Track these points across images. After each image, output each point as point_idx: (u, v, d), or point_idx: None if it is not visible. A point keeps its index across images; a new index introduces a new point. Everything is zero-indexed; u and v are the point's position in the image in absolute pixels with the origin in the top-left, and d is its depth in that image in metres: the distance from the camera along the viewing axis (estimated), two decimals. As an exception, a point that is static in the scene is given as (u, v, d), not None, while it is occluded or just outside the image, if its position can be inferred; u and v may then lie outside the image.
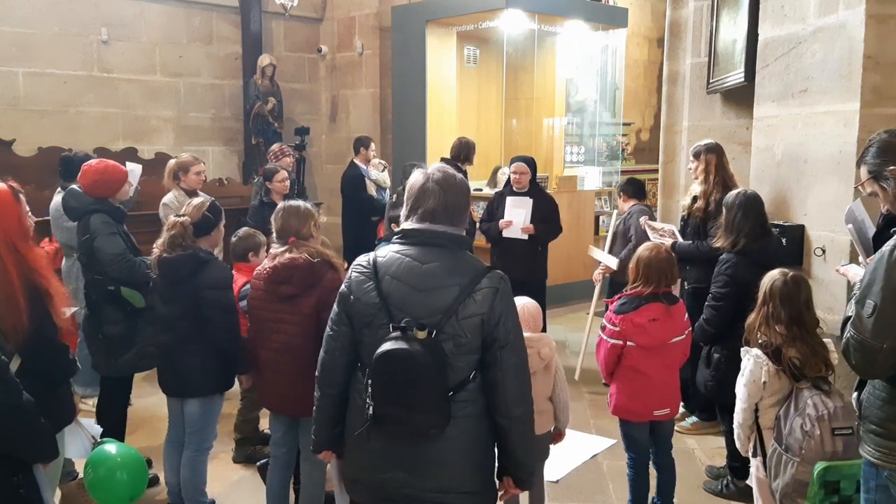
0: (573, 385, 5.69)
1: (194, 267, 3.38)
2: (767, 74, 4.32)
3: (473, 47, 9.25)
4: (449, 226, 2.19)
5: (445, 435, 2.12)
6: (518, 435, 2.20)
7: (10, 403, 2.17)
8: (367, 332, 2.18)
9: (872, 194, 2.46)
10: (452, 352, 2.10)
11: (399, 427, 2.13)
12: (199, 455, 3.60)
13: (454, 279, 2.12)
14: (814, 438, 2.75)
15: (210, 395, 3.52)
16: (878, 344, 2.12)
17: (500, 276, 2.17)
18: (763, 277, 3.13)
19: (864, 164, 2.43)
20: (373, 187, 7.36)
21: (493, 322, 2.11)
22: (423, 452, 2.15)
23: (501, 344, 2.12)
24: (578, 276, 8.24)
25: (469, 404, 2.14)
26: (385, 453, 2.18)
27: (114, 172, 4.02)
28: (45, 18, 7.59)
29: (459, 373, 2.12)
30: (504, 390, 2.14)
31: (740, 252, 3.75)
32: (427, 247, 2.17)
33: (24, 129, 7.39)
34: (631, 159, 10.93)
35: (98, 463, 2.91)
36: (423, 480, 2.16)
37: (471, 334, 2.10)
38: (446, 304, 2.10)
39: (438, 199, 2.18)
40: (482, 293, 2.11)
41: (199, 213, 3.49)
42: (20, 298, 2.26)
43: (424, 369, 2.04)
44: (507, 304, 2.15)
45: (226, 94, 9.02)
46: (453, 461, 2.16)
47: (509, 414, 2.16)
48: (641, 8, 11.15)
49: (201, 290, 3.36)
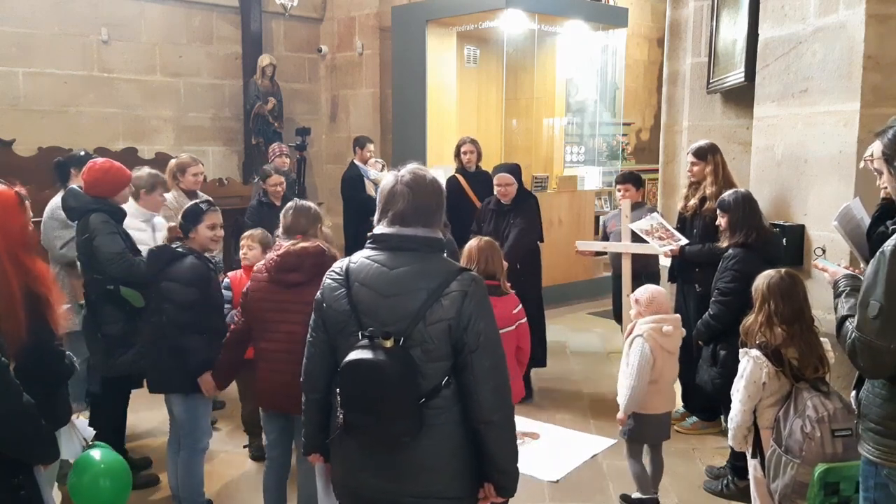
0: (573, 385, 5.70)
1: (166, 260, 3.43)
2: (767, 74, 4.31)
3: (473, 47, 9.25)
4: (421, 227, 2.13)
5: (421, 443, 2.07)
6: (497, 440, 2.12)
7: (12, 405, 2.17)
8: (341, 338, 2.16)
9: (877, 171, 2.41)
10: (421, 359, 2.04)
11: (369, 436, 2.11)
12: (194, 456, 3.60)
13: (422, 283, 2.07)
14: (814, 440, 2.74)
15: (191, 393, 3.50)
16: (885, 345, 2.11)
17: (470, 279, 2.10)
18: (759, 277, 3.13)
19: (882, 140, 2.33)
20: (372, 187, 7.35)
21: (461, 326, 2.04)
22: (400, 459, 2.11)
23: (472, 348, 2.05)
24: (578, 276, 8.25)
25: (444, 411, 2.09)
26: (361, 460, 2.16)
27: (117, 173, 4.01)
28: (45, 18, 7.58)
29: (431, 380, 2.06)
30: (478, 395, 2.07)
31: (746, 246, 3.82)
32: (397, 251, 2.13)
33: (24, 129, 7.39)
34: (631, 159, 10.95)
35: (82, 469, 2.89)
36: (400, 486, 2.12)
37: (438, 340, 2.04)
38: (413, 309, 2.04)
39: (408, 200, 2.12)
40: (450, 297, 2.05)
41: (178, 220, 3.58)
42: (19, 310, 2.24)
43: (391, 379, 2.00)
44: (478, 307, 2.06)
45: (226, 94, 9.02)
46: (431, 468, 2.11)
47: (485, 419, 2.09)
48: (641, 8, 11.17)
49: (162, 282, 3.41)
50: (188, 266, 3.44)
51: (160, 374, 3.53)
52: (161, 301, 3.43)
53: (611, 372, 5.84)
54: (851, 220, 2.93)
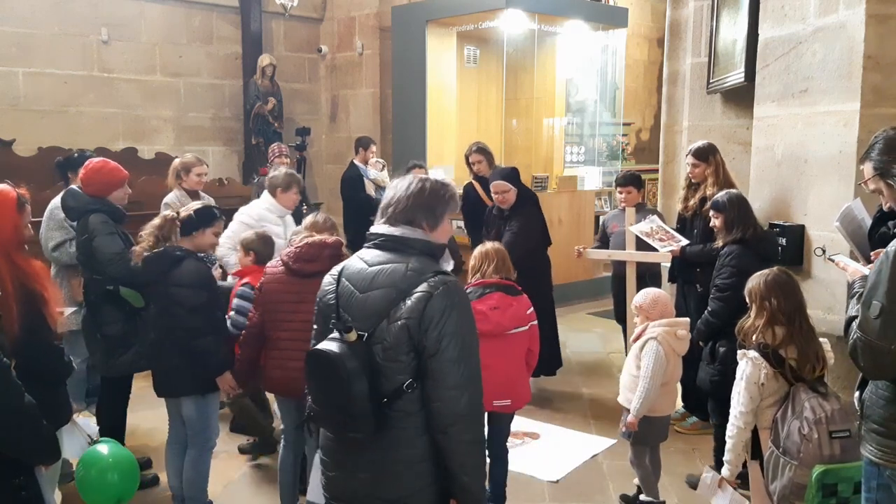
0: (573, 385, 5.70)
1: (167, 264, 3.41)
2: (767, 74, 4.31)
3: (473, 47, 9.24)
4: (407, 227, 2.12)
5: (382, 446, 2.04)
6: (454, 454, 2.03)
7: (13, 406, 2.17)
8: (327, 331, 2.16)
9: (876, 191, 2.43)
10: (381, 357, 2.02)
11: (330, 428, 2.12)
12: (203, 455, 3.60)
13: (395, 282, 2.05)
14: (812, 442, 2.73)
15: (202, 394, 3.50)
16: (886, 345, 2.11)
17: (441, 282, 2.02)
18: (752, 278, 3.12)
19: (870, 160, 2.39)
20: (371, 187, 7.36)
21: (421, 328, 1.98)
22: (367, 460, 2.08)
23: (430, 352, 1.99)
24: (578, 276, 8.25)
25: (409, 416, 2.03)
26: (335, 453, 2.16)
27: (110, 172, 4.01)
28: (45, 18, 7.59)
29: (391, 380, 2.02)
30: (433, 403, 2.01)
31: (743, 243, 3.86)
32: (381, 249, 2.14)
33: (24, 129, 7.39)
34: (631, 159, 10.94)
35: (90, 463, 2.90)
36: (370, 487, 2.09)
37: (395, 339, 2.00)
38: (380, 307, 2.04)
39: (399, 202, 2.14)
40: (415, 297, 2.00)
41: (187, 212, 3.55)
42: (12, 303, 2.26)
43: (346, 372, 1.97)
44: (442, 311, 1.98)
45: (226, 94, 9.02)
46: (395, 473, 2.06)
47: (443, 430, 2.01)
48: (641, 8, 11.16)
49: (170, 287, 3.39)
50: (193, 269, 3.43)
51: (171, 378, 3.49)
52: (169, 306, 3.39)
53: (611, 372, 5.85)
54: (853, 221, 2.93)
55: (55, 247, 4.56)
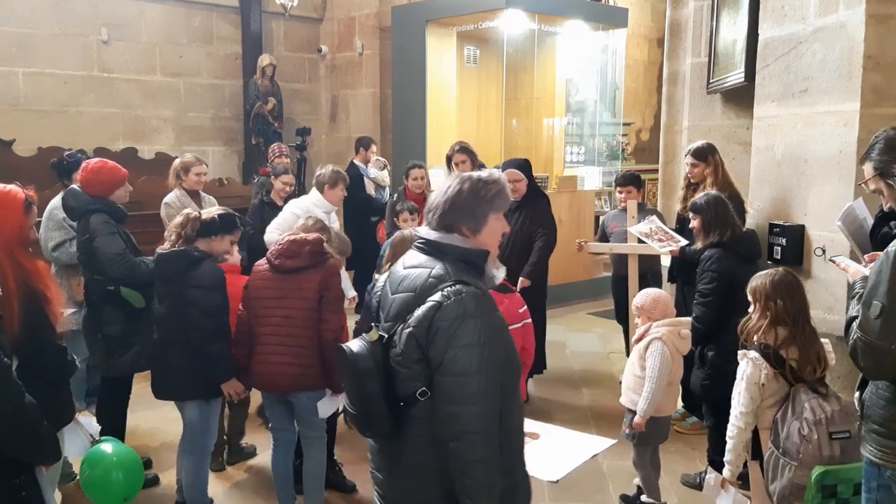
0: (573, 385, 5.69)
1: (185, 265, 3.39)
2: (767, 74, 4.31)
3: (473, 47, 9.25)
4: (443, 232, 2.07)
5: (395, 448, 2.05)
6: (459, 469, 1.94)
7: (13, 406, 2.17)
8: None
9: (876, 191, 2.43)
10: (395, 362, 2.01)
11: (354, 424, 2.14)
12: (203, 458, 3.60)
13: (416, 287, 2.02)
14: (811, 443, 2.73)
15: (206, 399, 3.50)
16: (886, 345, 2.11)
17: (454, 292, 1.94)
18: (750, 278, 3.10)
19: (870, 160, 2.39)
20: (371, 186, 7.37)
21: (427, 338, 1.94)
22: (387, 459, 2.10)
23: (434, 364, 1.94)
24: (578, 276, 8.25)
25: (420, 423, 1.99)
26: (370, 447, 2.19)
27: (108, 172, 4.00)
28: (45, 18, 7.59)
29: (405, 385, 2.00)
30: (438, 415, 1.95)
31: (721, 246, 3.86)
32: (421, 252, 2.11)
33: (24, 129, 7.39)
34: (631, 159, 10.95)
35: (94, 462, 2.91)
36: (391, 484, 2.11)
37: (404, 346, 1.98)
38: (400, 311, 2.03)
39: (438, 207, 2.09)
40: (426, 306, 1.96)
41: (210, 215, 3.53)
42: (14, 302, 2.26)
43: (362, 371, 2.01)
44: (451, 323, 1.91)
45: (226, 94, 9.02)
46: (406, 477, 2.06)
47: (446, 444, 1.95)
48: (641, 8, 11.17)
49: (187, 289, 3.37)
50: (210, 271, 3.42)
51: (172, 380, 3.47)
52: (184, 306, 3.37)
53: (611, 372, 5.85)
54: (855, 221, 2.93)
55: (55, 247, 4.56)
